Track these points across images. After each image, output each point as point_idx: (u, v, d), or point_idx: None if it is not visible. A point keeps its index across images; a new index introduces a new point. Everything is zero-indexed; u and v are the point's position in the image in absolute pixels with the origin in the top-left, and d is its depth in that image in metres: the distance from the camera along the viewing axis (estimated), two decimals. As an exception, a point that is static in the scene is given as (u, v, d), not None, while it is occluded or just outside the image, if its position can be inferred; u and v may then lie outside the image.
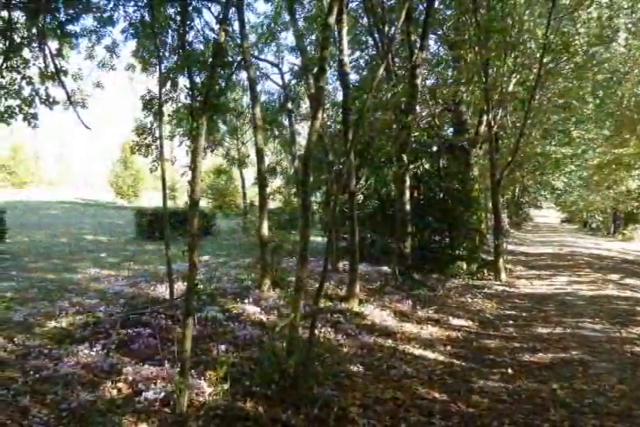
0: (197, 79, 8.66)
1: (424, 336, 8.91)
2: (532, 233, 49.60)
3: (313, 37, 19.27)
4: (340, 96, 19.12)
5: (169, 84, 8.68)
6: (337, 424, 5.04)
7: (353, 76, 20.62)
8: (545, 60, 15.79)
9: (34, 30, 8.48)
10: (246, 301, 10.14)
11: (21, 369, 6.02)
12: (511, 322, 10.40)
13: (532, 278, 16.97)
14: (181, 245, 8.52)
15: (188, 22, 8.52)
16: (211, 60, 6.09)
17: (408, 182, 14.11)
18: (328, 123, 18.75)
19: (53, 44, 8.82)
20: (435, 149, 18.82)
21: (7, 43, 8.10)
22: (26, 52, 8.72)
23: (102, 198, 58.01)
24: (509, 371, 7.07)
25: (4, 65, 8.15)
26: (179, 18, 8.38)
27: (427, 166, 17.78)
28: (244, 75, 20.51)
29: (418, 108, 16.70)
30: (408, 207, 14.00)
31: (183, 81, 8.95)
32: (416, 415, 5.40)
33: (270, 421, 4.94)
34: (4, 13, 7.80)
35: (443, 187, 17.12)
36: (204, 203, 38.11)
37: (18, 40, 8.45)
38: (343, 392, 5.80)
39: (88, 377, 5.86)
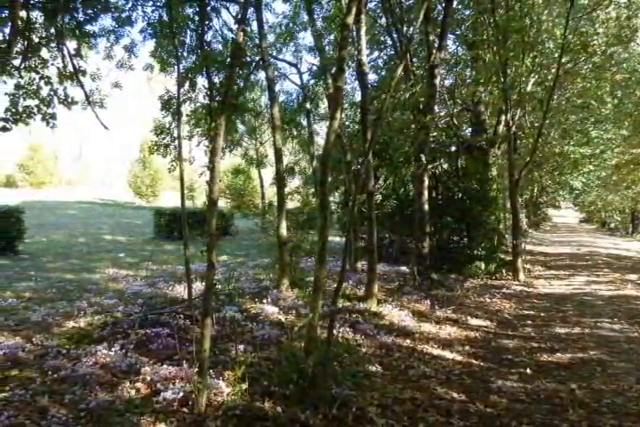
0: (216, 79, 8.73)
1: (442, 336, 8.89)
2: (551, 233, 49.26)
3: (331, 37, 19.21)
4: (358, 96, 19.13)
5: (187, 84, 8.73)
6: (355, 424, 5.03)
7: (371, 76, 20.64)
8: (563, 60, 15.67)
9: (52, 30, 8.52)
10: (265, 301, 10.16)
11: (40, 369, 6.08)
12: (529, 322, 10.34)
13: (550, 278, 16.88)
14: (200, 245, 8.55)
15: (207, 22, 8.57)
16: (229, 60, 6.13)
17: (426, 182, 14.03)
18: (346, 123, 18.73)
19: (72, 44, 8.86)
20: (453, 148, 18.77)
21: (26, 43, 8.13)
22: (44, 52, 8.76)
23: (121, 198, 58.23)
24: (528, 371, 7.03)
25: (23, 65, 8.18)
26: (197, 18, 8.43)
27: (445, 166, 17.76)
28: (262, 75, 20.61)
29: (436, 108, 16.62)
30: (426, 207, 13.92)
31: (202, 81, 9.02)
32: (434, 415, 5.38)
33: (289, 421, 4.93)
34: (23, 13, 7.82)
35: (461, 187, 17.06)
36: (222, 203, 38.15)
37: (36, 40, 8.49)
38: (362, 392, 5.77)
39: (106, 377, 5.90)
